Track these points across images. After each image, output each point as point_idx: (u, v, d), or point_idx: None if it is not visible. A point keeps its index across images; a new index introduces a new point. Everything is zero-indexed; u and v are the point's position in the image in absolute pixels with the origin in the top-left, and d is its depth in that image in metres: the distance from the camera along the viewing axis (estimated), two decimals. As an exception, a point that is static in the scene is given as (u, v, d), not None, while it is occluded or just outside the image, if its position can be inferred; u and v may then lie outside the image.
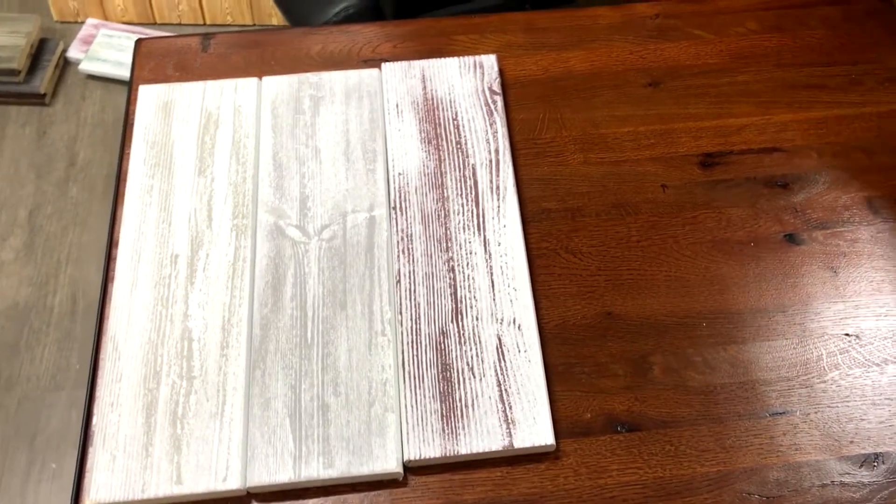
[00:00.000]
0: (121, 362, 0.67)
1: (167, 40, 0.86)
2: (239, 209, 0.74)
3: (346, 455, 0.63)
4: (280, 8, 1.25)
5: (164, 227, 0.73)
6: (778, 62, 0.84)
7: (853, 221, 0.75)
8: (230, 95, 0.80)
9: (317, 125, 0.78)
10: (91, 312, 1.56)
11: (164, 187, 0.75)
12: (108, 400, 0.66)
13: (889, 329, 0.69)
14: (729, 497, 0.63)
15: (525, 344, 0.67)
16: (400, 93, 0.80)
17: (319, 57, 0.84)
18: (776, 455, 0.64)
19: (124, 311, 0.69)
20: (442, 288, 0.70)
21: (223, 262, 0.71)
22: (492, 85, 0.80)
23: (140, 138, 0.77)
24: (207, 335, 0.68)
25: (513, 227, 0.72)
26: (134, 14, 1.95)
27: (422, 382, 0.66)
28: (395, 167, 0.76)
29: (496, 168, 0.76)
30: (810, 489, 0.63)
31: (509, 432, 0.64)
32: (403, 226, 0.73)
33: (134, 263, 0.71)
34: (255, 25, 1.95)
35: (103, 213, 1.67)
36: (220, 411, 0.65)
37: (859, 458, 0.64)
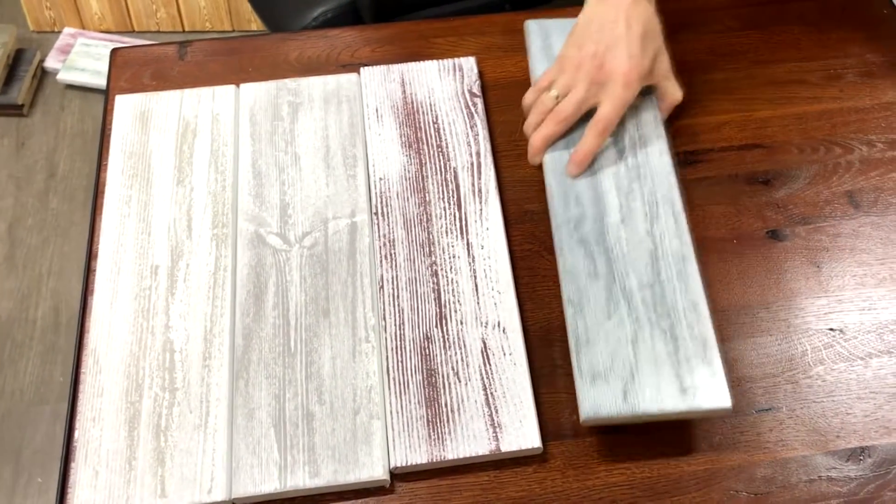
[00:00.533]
0: (102, 376, 0.66)
1: (143, 49, 0.85)
2: (219, 218, 0.73)
3: (331, 463, 0.63)
4: (258, 13, 1.25)
5: (144, 238, 0.72)
6: (756, 59, 0.84)
7: (835, 216, 0.75)
8: (208, 103, 0.79)
9: (296, 131, 0.78)
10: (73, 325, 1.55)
11: (142, 198, 0.74)
12: (89, 415, 0.65)
13: (872, 323, 0.70)
14: (717, 495, 0.63)
15: (510, 347, 0.67)
16: (379, 97, 0.79)
17: (297, 62, 0.84)
18: (763, 452, 0.64)
19: (105, 324, 0.68)
20: (425, 293, 0.69)
21: (204, 272, 0.70)
22: (472, 87, 0.80)
23: (117, 149, 0.77)
24: (189, 346, 0.67)
25: (495, 229, 0.72)
26: (111, 22, 1.93)
27: (407, 388, 0.65)
28: (375, 172, 0.75)
29: (478, 171, 0.75)
30: (798, 485, 0.63)
31: (496, 436, 0.64)
32: (385, 231, 0.72)
33: (114, 275, 0.70)
34: (235, 31, 1.95)
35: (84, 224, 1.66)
36: (204, 423, 0.64)
37: (846, 452, 0.64)
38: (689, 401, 0.61)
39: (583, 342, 0.64)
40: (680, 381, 0.62)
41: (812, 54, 0.85)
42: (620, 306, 0.65)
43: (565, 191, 0.71)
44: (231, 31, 1.94)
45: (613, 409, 0.61)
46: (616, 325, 0.64)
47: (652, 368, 0.62)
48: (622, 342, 0.64)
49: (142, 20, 1.93)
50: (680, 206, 0.70)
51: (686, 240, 0.68)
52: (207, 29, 1.94)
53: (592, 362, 0.63)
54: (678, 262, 0.67)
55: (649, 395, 0.61)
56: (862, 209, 0.75)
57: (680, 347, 0.63)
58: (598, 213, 0.70)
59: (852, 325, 0.70)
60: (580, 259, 0.68)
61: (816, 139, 0.79)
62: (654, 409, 0.61)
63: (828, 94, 0.82)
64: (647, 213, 0.70)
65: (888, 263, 0.72)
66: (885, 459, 0.64)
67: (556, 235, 0.69)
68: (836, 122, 0.80)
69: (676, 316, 0.65)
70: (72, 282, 1.60)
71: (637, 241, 0.68)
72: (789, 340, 0.69)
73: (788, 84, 0.83)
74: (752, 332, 0.69)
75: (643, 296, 0.66)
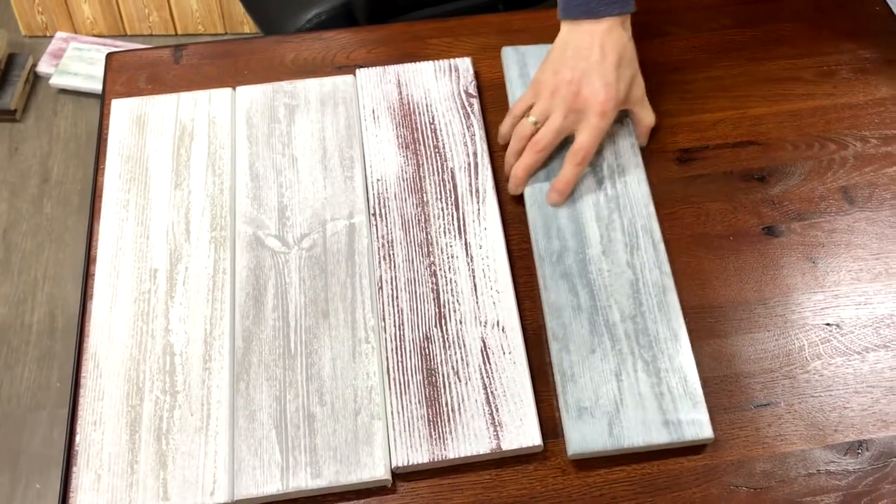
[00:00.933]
0: (102, 380, 0.66)
1: (138, 53, 0.85)
2: (217, 221, 0.73)
3: (333, 464, 0.63)
4: (252, 16, 1.25)
5: (142, 242, 0.72)
6: (751, 56, 0.84)
7: (830, 212, 0.76)
8: (204, 106, 0.79)
9: (293, 134, 0.78)
10: (70, 329, 1.54)
11: (140, 202, 0.74)
12: (90, 418, 0.65)
13: (869, 317, 0.70)
14: (717, 490, 0.63)
15: (509, 346, 0.67)
16: (376, 98, 0.79)
17: (293, 65, 0.84)
18: (762, 446, 0.65)
19: (104, 328, 0.68)
20: (424, 293, 0.70)
21: (203, 275, 0.71)
22: (468, 88, 0.80)
23: (114, 153, 0.77)
24: (189, 349, 0.67)
25: (493, 229, 0.72)
26: (104, 26, 1.93)
27: (407, 388, 0.66)
28: (373, 173, 0.75)
29: (475, 171, 0.76)
30: (797, 479, 0.64)
31: (496, 435, 0.64)
32: (384, 232, 0.73)
33: (112, 279, 0.71)
34: (228, 34, 1.94)
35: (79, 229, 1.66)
36: (205, 425, 0.64)
37: (844, 446, 0.65)
38: (673, 433, 0.63)
39: (568, 377, 0.65)
40: (664, 414, 0.64)
41: (806, 51, 0.85)
42: (604, 339, 0.67)
43: (546, 223, 0.72)
44: (224, 33, 1.94)
45: (599, 444, 0.63)
46: (600, 359, 0.66)
47: (636, 401, 0.64)
48: (606, 376, 0.65)
49: (134, 24, 1.93)
50: (659, 236, 0.71)
51: (666, 269, 0.70)
52: (200, 32, 1.93)
53: (578, 397, 0.64)
54: (658, 292, 0.68)
55: (634, 429, 0.63)
56: (857, 205, 0.76)
57: (662, 380, 0.65)
58: (579, 245, 0.71)
59: (849, 319, 0.70)
60: (564, 293, 0.69)
61: (811, 135, 0.80)
62: (639, 442, 0.63)
63: (822, 90, 0.83)
64: (628, 243, 0.71)
65: (883, 258, 0.73)
66: (883, 452, 0.64)
67: (539, 269, 0.70)
68: (830, 118, 0.81)
69: (658, 347, 0.66)
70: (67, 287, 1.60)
71: (618, 273, 0.69)
72: (786, 336, 0.69)
73: (783, 81, 0.83)
74: (749, 328, 0.70)
75: (626, 328, 0.67)
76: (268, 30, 1.19)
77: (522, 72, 0.80)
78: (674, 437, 0.63)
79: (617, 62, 0.71)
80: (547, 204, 0.73)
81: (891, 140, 0.79)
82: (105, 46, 1.89)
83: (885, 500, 0.63)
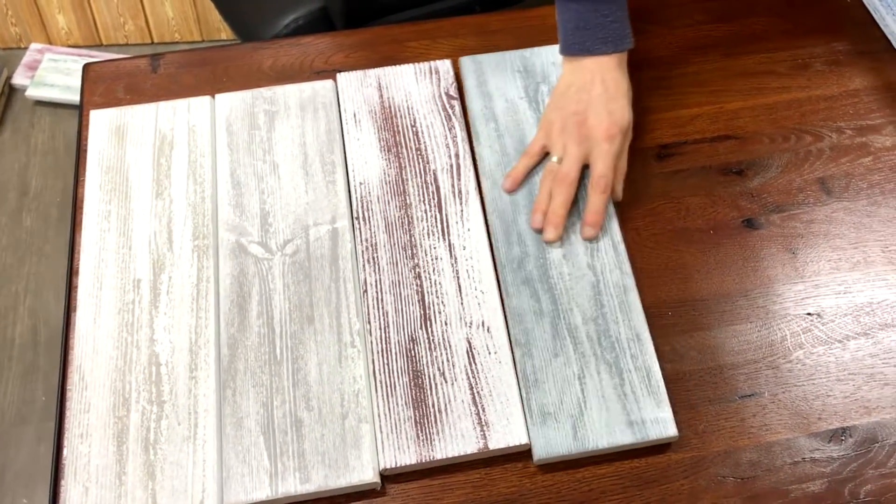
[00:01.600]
0: (88, 392, 0.66)
1: (115, 63, 0.85)
2: (199, 230, 0.73)
3: (322, 469, 0.63)
4: (229, 23, 1.24)
5: (125, 252, 0.72)
6: (726, 51, 0.85)
7: (808, 203, 0.76)
8: (183, 115, 0.79)
9: (273, 140, 0.78)
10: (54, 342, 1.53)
11: (121, 212, 0.74)
12: (77, 431, 0.65)
13: (849, 306, 0.71)
14: (704, 481, 0.64)
15: (495, 346, 0.68)
16: (357, 102, 0.80)
17: (272, 71, 0.84)
18: (747, 437, 0.65)
19: (89, 340, 0.68)
20: (409, 295, 0.70)
21: (186, 284, 0.70)
22: (448, 90, 0.80)
23: (94, 164, 0.76)
24: (175, 359, 0.67)
25: (477, 230, 0.73)
26: (79, 37, 1.92)
27: (394, 391, 0.66)
28: (355, 177, 0.76)
29: (457, 172, 0.76)
30: (782, 467, 0.64)
31: (484, 434, 0.64)
32: (367, 235, 0.73)
33: (96, 291, 0.70)
34: (204, 41, 1.94)
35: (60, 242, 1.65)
36: (193, 434, 0.64)
37: (828, 433, 0.66)
38: (637, 433, 0.64)
39: (531, 383, 0.66)
40: (627, 415, 0.64)
41: (780, 45, 0.86)
42: (566, 343, 0.67)
43: (507, 230, 0.72)
44: (200, 41, 1.93)
45: (564, 448, 0.63)
46: (563, 364, 0.66)
47: (600, 403, 0.65)
48: (570, 380, 0.66)
49: (110, 33, 1.92)
50: (619, 236, 0.72)
51: (626, 269, 0.70)
52: (177, 40, 1.93)
53: (542, 402, 0.65)
54: (620, 293, 0.69)
55: (599, 431, 0.64)
56: (834, 195, 0.77)
57: (625, 380, 0.66)
58: (539, 250, 0.71)
59: (829, 308, 0.71)
60: (525, 299, 0.69)
61: (787, 128, 0.81)
62: (603, 444, 0.63)
63: (796, 83, 0.84)
64: (587, 245, 0.71)
65: (861, 247, 0.74)
66: (866, 438, 0.65)
67: (501, 275, 0.71)
68: (805, 110, 0.82)
69: (621, 348, 0.67)
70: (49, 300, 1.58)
71: (579, 276, 0.70)
72: (768, 326, 0.70)
73: (758, 75, 0.84)
74: (732, 320, 0.70)
75: (587, 330, 0.68)
76: (245, 36, 1.18)
77: (480, 80, 0.80)
78: (638, 437, 0.63)
79: (615, 94, 0.74)
80: (506, 212, 0.73)
81: (865, 130, 0.80)
82: (81, 57, 1.88)
83: (870, 485, 0.63)
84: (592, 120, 0.73)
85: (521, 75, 0.81)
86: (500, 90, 0.80)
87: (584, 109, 0.74)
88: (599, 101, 0.74)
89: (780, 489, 0.63)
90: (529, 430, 0.64)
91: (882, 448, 0.65)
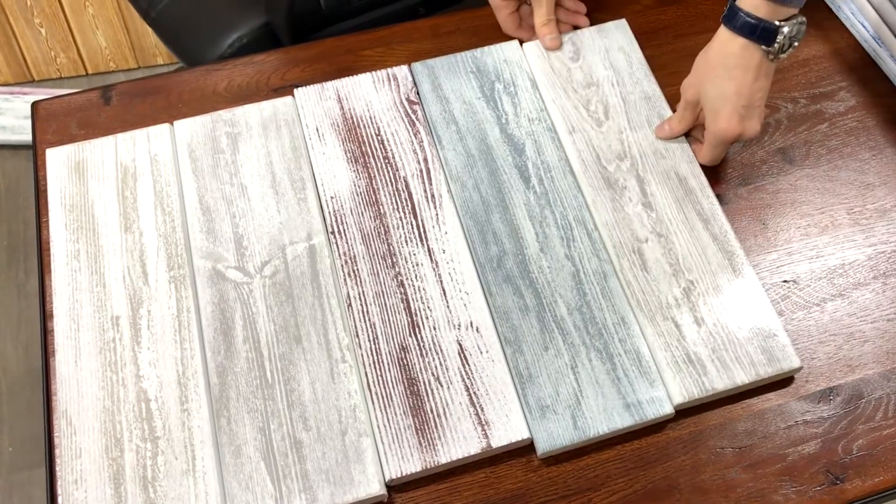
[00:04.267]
0: (77, 437, 0.64)
1: (65, 99, 0.82)
2: (174, 260, 0.72)
3: (327, 487, 0.62)
4: (170, 48, 1.22)
5: (99, 290, 0.70)
6: (676, 33, 0.87)
7: (772, 174, 0.78)
8: (143, 145, 0.77)
9: (238, 162, 0.77)
10: (16, 390, 1.49)
11: (91, 250, 0.72)
12: (70, 478, 0.63)
13: (822, 269, 0.73)
14: (704, 454, 0.65)
15: (485, 345, 0.68)
16: (318, 116, 0.79)
17: (227, 92, 0.83)
18: (741, 407, 0.67)
19: (72, 384, 0.66)
20: (394, 304, 0.70)
21: (167, 316, 0.69)
22: (409, 95, 0.80)
23: (56, 203, 0.74)
24: (164, 393, 0.66)
25: (454, 232, 0.73)
26: (8, 74, 1.86)
27: (391, 401, 0.66)
28: (326, 192, 0.75)
29: (428, 177, 0.76)
30: (777, 432, 0.66)
31: (485, 433, 0.64)
32: (345, 249, 0.72)
33: (73, 332, 0.69)
34: (141, 68, 1.90)
35: (10, 287, 1.60)
36: (192, 467, 0.63)
37: (816, 395, 0.67)
38: (635, 415, 0.65)
39: (525, 378, 0.66)
40: (623, 398, 0.65)
41: (725, 23, 0.88)
42: (555, 335, 0.68)
43: (482, 230, 0.73)
44: (137, 68, 1.90)
45: (566, 439, 0.64)
46: (554, 356, 0.67)
47: (595, 390, 0.66)
48: (563, 371, 0.66)
49: (41, 68, 1.87)
50: (592, 224, 0.73)
51: (604, 256, 0.71)
52: (112, 69, 1.89)
53: (539, 396, 0.65)
54: (600, 279, 0.70)
55: (598, 418, 0.65)
56: (796, 164, 0.79)
57: (617, 364, 0.67)
58: (516, 246, 0.72)
59: (804, 274, 0.73)
60: (509, 297, 0.70)
61: (742, 103, 0.82)
62: (603, 429, 0.64)
63: (745, 58, 0.85)
64: (563, 236, 0.72)
65: (827, 211, 0.76)
66: (853, 395, 0.67)
67: (482, 276, 0.71)
68: (757, 84, 0.84)
69: (608, 333, 0.68)
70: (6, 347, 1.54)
71: (558, 267, 0.71)
72: (748, 298, 0.72)
73: (707, 54, 0.85)
74: (712, 296, 0.72)
75: (574, 320, 0.68)
76: (189, 60, 1.17)
77: (435, 85, 0.80)
78: (636, 418, 0.64)
79: (758, 104, 0.72)
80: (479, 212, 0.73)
81: (818, 98, 0.83)
82: (13, 95, 1.83)
83: (861, 440, 0.65)
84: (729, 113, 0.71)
85: (474, 76, 0.81)
86: (455, 92, 0.80)
87: (736, 94, 0.70)
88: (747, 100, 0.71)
89: (777, 454, 0.65)
90: (530, 425, 0.65)
91: (868, 403, 0.67)
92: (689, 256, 0.71)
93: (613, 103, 0.80)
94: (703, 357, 0.67)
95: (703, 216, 0.73)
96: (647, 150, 0.77)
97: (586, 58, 0.82)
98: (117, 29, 1.83)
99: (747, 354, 0.67)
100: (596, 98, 0.80)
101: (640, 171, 0.76)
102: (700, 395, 0.65)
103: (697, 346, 0.67)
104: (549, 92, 0.80)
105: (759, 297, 0.69)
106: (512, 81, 0.81)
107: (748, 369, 0.66)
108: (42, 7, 1.79)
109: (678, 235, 0.72)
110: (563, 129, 0.78)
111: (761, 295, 0.69)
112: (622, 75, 0.81)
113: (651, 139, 0.77)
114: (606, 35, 0.84)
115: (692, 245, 0.72)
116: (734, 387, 0.66)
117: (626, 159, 0.76)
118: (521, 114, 0.79)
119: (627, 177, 0.75)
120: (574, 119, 0.79)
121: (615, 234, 0.72)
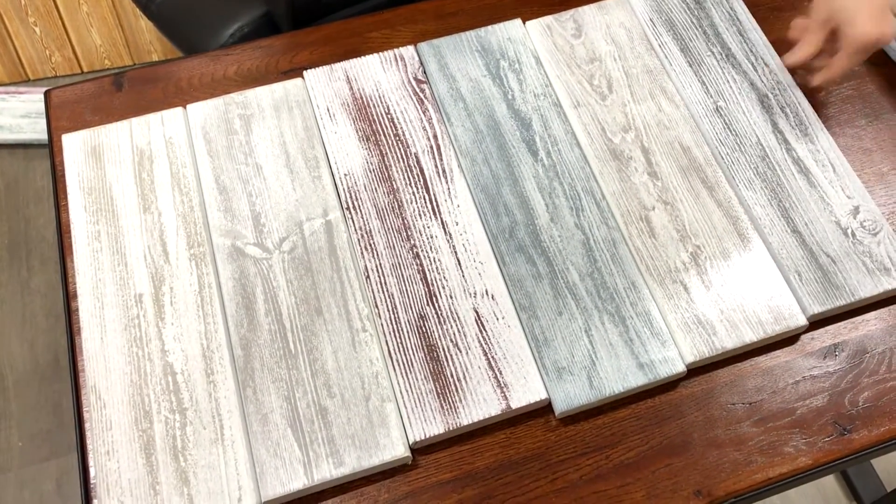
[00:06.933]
0: (107, 410, 0.66)
1: (77, 86, 0.84)
2: (193, 238, 0.73)
3: (353, 451, 0.64)
4: (170, 39, 1.23)
5: (122, 269, 0.72)
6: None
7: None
8: (158, 128, 0.79)
9: (252, 142, 0.78)
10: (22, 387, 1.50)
11: (111, 231, 0.74)
12: (102, 449, 0.65)
13: (822, 232, 0.75)
14: (717, 411, 0.67)
15: (501, 311, 0.70)
16: (328, 97, 0.81)
17: (238, 76, 0.85)
18: (750, 365, 0.69)
19: (99, 360, 0.68)
20: (411, 275, 0.72)
21: (189, 293, 0.71)
22: (416, 74, 0.82)
23: (75, 187, 0.76)
24: (190, 366, 0.68)
25: (466, 205, 0.75)
26: (3, 74, 1.87)
27: (412, 367, 0.68)
28: (339, 169, 0.77)
29: (438, 152, 0.78)
30: (785, 388, 0.68)
31: (505, 395, 0.66)
32: (361, 223, 0.74)
33: (98, 311, 0.70)
34: (136, 65, 1.91)
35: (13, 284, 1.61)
36: (220, 436, 0.65)
37: (822, 351, 0.70)
38: (649, 374, 0.67)
39: (541, 342, 0.68)
40: (637, 358, 0.68)
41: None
42: (568, 300, 0.70)
43: (493, 202, 0.75)
44: (132, 65, 1.91)
45: (583, 398, 0.66)
46: (568, 320, 0.69)
47: (609, 351, 0.68)
48: (577, 334, 0.69)
49: (36, 67, 1.87)
50: (601, 193, 0.75)
51: (612, 224, 0.74)
52: (107, 67, 1.90)
53: (555, 358, 0.68)
54: (609, 246, 0.72)
55: (612, 377, 0.67)
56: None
57: (629, 327, 0.69)
58: (527, 217, 0.74)
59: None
60: (522, 265, 0.72)
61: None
62: (619, 388, 0.67)
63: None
64: (572, 206, 0.75)
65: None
66: (857, 350, 0.70)
67: (495, 246, 0.73)
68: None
69: (619, 297, 0.70)
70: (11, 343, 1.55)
71: (569, 236, 0.73)
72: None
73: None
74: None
75: (586, 286, 0.71)
76: (190, 51, 1.18)
77: (441, 64, 0.82)
78: (650, 377, 0.67)
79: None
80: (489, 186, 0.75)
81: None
82: (8, 94, 1.84)
83: (867, 392, 0.68)
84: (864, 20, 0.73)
85: (479, 54, 0.83)
86: (461, 71, 0.82)
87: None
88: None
89: (786, 408, 0.67)
90: (547, 386, 0.67)
91: (872, 357, 0.70)
92: (695, 222, 0.74)
93: (616, 77, 0.82)
94: (711, 317, 0.69)
95: (708, 184, 0.75)
96: (651, 122, 0.79)
97: (588, 34, 0.84)
98: (112, 26, 1.84)
99: (755, 314, 0.69)
100: (599, 73, 0.82)
101: (645, 143, 0.78)
102: (710, 353, 0.68)
103: (706, 307, 0.69)
104: (553, 68, 0.82)
105: (764, 258, 0.71)
106: (516, 59, 0.83)
107: (756, 328, 0.69)
108: (36, 6, 1.80)
109: (684, 202, 0.75)
110: (568, 103, 0.80)
111: (766, 257, 0.72)
112: (624, 50, 0.83)
113: (654, 111, 0.80)
114: (608, 11, 0.86)
115: (698, 211, 0.74)
116: (743, 345, 0.68)
117: (630, 131, 0.79)
118: (526, 90, 0.81)
119: (633, 148, 0.78)
120: (578, 93, 0.81)
121: (622, 203, 0.75)
